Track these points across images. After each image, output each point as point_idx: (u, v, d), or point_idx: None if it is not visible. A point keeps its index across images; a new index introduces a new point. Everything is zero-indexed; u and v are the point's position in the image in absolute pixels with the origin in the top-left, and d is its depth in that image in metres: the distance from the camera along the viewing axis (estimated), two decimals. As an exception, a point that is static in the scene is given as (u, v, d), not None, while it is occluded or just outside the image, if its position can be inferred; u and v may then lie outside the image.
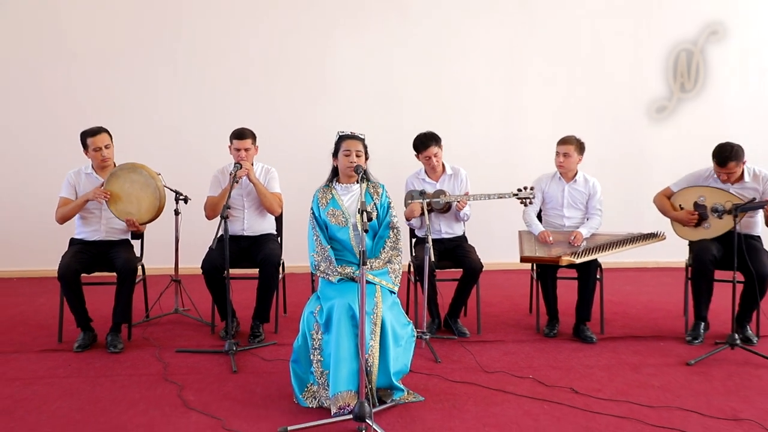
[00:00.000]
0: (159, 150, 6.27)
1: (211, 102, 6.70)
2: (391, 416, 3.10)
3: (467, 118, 6.94)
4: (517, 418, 3.08)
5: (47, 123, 6.56)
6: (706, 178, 4.41)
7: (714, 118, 7.02)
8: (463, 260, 4.47)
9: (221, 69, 6.73)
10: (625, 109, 7.13)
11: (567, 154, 4.51)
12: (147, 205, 4.21)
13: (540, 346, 4.24)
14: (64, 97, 6.57)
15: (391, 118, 6.76)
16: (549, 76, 7.03)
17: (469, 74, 6.96)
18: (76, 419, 3.06)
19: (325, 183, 3.62)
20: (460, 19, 6.91)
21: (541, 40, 7.00)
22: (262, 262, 4.31)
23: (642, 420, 3.05)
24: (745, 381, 3.58)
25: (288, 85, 6.79)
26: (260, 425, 3.00)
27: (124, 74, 6.63)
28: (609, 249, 4.33)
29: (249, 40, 6.74)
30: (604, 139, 6.83)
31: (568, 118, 6.77)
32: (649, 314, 5.07)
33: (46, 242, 5.64)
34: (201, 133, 6.61)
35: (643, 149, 7.14)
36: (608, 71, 7.07)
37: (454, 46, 6.93)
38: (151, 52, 6.66)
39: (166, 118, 6.70)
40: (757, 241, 4.34)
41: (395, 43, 6.85)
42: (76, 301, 4.09)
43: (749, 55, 7.21)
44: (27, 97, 6.57)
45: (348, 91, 6.82)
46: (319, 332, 3.21)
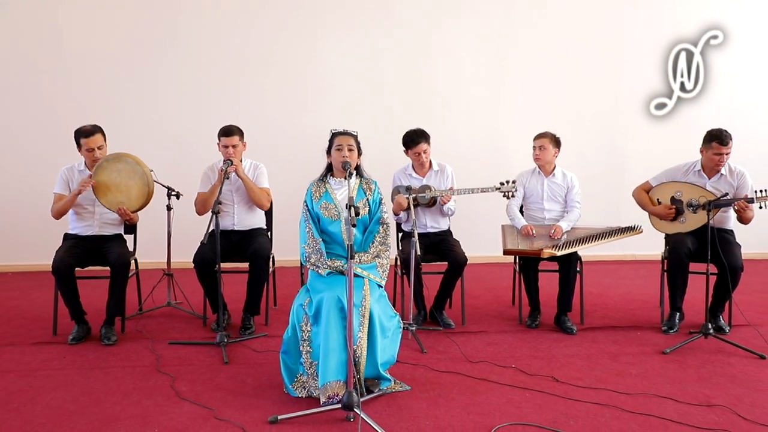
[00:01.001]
0: (150, 147, 6.27)
1: (202, 100, 6.74)
2: (378, 405, 3.16)
3: (452, 116, 7.03)
4: (500, 406, 3.15)
5: (41, 119, 6.56)
6: (684, 174, 4.53)
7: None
8: (448, 254, 4.55)
9: (213, 69, 6.76)
10: (607, 106, 7.25)
11: (542, 147, 4.62)
12: (137, 192, 4.23)
13: (522, 337, 4.33)
14: (59, 94, 6.58)
15: (379, 116, 6.83)
16: (532, 73, 7.12)
17: (454, 72, 7.03)
18: (70, 410, 3.09)
19: (320, 177, 3.67)
20: (444, 18, 6.97)
21: (525, 38, 7.08)
22: (252, 255, 4.36)
23: (619, 407, 3.14)
24: (718, 369, 3.69)
25: (278, 84, 6.84)
26: (251, 414, 3.04)
27: (117, 73, 6.66)
28: (589, 242, 4.43)
29: (241, 40, 6.78)
30: (588, 136, 6.97)
31: (551, 115, 6.88)
32: (626, 305, 5.19)
33: (40, 237, 5.70)
34: (192, 130, 6.64)
35: (625, 146, 7.27)
36: (591, 69, 7.18)
37: (439, 44, 6.99)
38: (145, 51, 6.69)
39: (158, 116, 6.73)
40: (730, 235, 4.47)
41: (382, 42, 6.91)
42: (70, 295, 4.13)
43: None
44: (22, 94, 6.57)
45: (337, 90, 6.89)
46: (308, 324, 3.26)
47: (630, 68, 7.26)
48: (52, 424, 2.95)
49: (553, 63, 7.15)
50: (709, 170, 4.45)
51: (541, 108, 7.06)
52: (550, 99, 7.14)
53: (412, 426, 2.94)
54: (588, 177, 6.94)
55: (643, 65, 7.28)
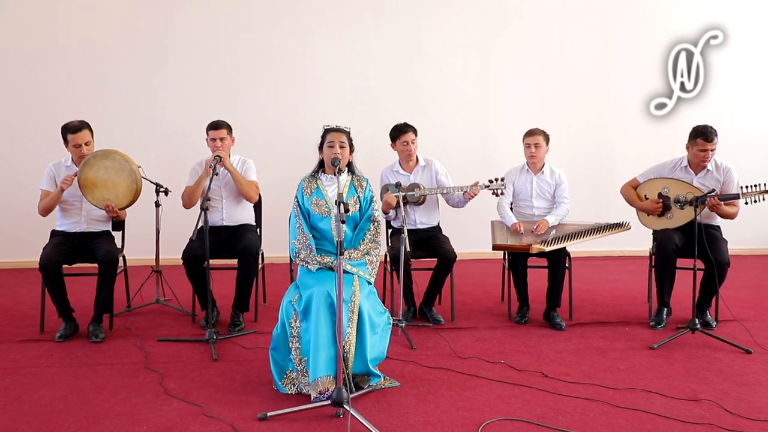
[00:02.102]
0: (139, 142, 6.29)
1: (193, 98, 6.70)
2: (368, 401, 3.17)
3: (442, 112, 7.03)
4: (489, 402, 3.17)
5: (28, 116, 6.51)
6: (671, 170, 4.56)
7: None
8: (437, 250, 4.56)
9: (204, 66, 6.73)
10: (606, 107, 7.28)
11: (537, 144, 4.63)
12: (124, 190, 4.19)
13: (511, 333, 4.35)
14: (47, 92, 6.53)
15: (369, 113, 6.81)
16: (521, 70, 7.13)
17: (445, 69, 7.03)
18: (58, 408, 3.07)
19: (311, 173, 3.67)
20: (434, 15, 6.96)
21: (514, 35, 7.09)
22: (241, 252, 4.35)
23: (607, 401, 3.16)
24: (705, 363, 3.72)
25: (269, 82, 6.83)
26: (240, 411, 3.04)
27: (107, 70, 6.62)
28: (577, 238, 4.46)
29: (232, 39, 6.76)
30: (589, 136, 7.02)
31: (545, 114, 6.86)
32: (615, 301, 5.22)
33: (27, 234, 5.66)
34: (182, 127, 6.60)
35: (624, 145, 7.27)
36: (590, 69, 7.20)
37: (429, 41, 6.98)
38: (134, 49, 6.66)
39: (152, 113, 6.69)
40: (717, 230, 4.51)
41: (371, 39, 6.90)
42: (58, 292, 4.10)
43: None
44: (8, 90, 6.52)
45: (327, 88, 6.88)
46: (297, 321, 3.27)
47: (629, 68, 7.26)
48: (39, 422, 2.93)
49: (549, 63, 7.15)
50: (695, 166, 4.48)
51: (533, 107, 7.06)
52: (544, 98, 7.14)
53: (402, 422, 2.95)
54: (587, 177, 7.01)
55: (643, 65, 7.28)
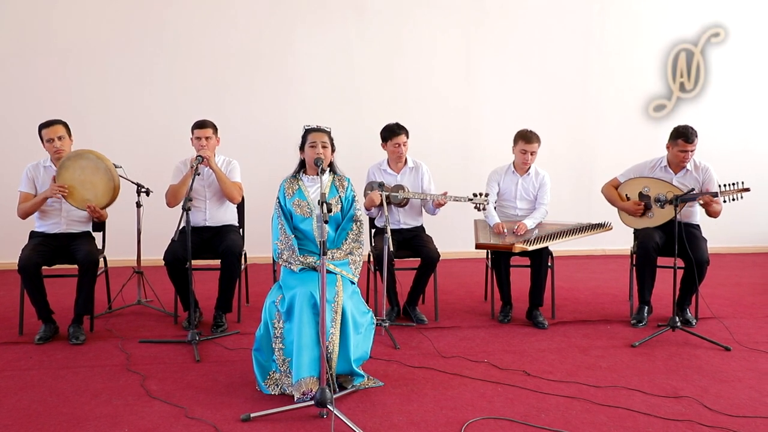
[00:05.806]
0: (120, 142, 6.22)
1: (177, 98, 6.63)
2: (351, 401, 3.17)
3: (424, 112, 6.99)
4: (472, 401, 3.19)
5: (6, 116, 6.42)
6: (651, 169, 4.61)
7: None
8: (421, 250, 4.57)
9: (188, 67, 6.67)
10: (576, 103, 7.30)
11: (534, 153, 4.65)
12: (103, 188, 4.16)
13: (494, 332, 4.37)
14: (25, 91, 6.43)
15: (353, 113, 6.79)
16: (504, 69, 7.14)
17: (427, 69, 7.03)
18: (38, 411, 3.04)
19: (293, 174, 3.66)
20: (417, 15, 6.95)
21: (496, 36, 7.09)
22: (223, 252, 4.33)
23: (589, 399, 3.19)
24: (685, 361, 3.77)
25: (252, 81, 6.77)
26: (223, 413, 3.03)
27: (87, 68, 6.53)
28: (560, 237, 4.49)
29: (216, 37, 6.69)
30: (559, 134, 7.04)
31: (523, 112, 6.89)
32: (596, 299, 5.26)
33: (5, 235, 5.58)
34: (165, 126, 6.53)
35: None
36: (562, 66, 7.21)
37: (411, 41, 6.97)
38: (118, 49, 6.56)
39: (129, 111, 6.61)
40: (697, 229, 4.57)
41: (354, 40, 6.87)
42: (37, 294, 4.05)
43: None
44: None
45: (310, 88, 6.83)
46: (281, 321, 3.26)
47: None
48: (18, 426, 2.89)
49: (534, 62, 7.15)
50: (675, 166, 4.53)
51: (516, 107, 7.06)
52: (527, 98, 7.12)
53: (386, 422, 2.95)
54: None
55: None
